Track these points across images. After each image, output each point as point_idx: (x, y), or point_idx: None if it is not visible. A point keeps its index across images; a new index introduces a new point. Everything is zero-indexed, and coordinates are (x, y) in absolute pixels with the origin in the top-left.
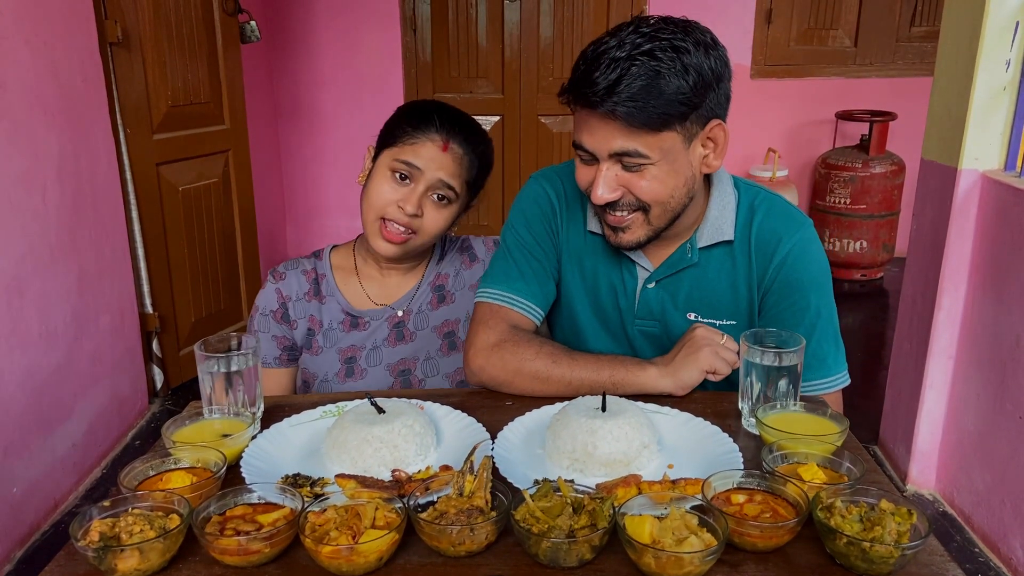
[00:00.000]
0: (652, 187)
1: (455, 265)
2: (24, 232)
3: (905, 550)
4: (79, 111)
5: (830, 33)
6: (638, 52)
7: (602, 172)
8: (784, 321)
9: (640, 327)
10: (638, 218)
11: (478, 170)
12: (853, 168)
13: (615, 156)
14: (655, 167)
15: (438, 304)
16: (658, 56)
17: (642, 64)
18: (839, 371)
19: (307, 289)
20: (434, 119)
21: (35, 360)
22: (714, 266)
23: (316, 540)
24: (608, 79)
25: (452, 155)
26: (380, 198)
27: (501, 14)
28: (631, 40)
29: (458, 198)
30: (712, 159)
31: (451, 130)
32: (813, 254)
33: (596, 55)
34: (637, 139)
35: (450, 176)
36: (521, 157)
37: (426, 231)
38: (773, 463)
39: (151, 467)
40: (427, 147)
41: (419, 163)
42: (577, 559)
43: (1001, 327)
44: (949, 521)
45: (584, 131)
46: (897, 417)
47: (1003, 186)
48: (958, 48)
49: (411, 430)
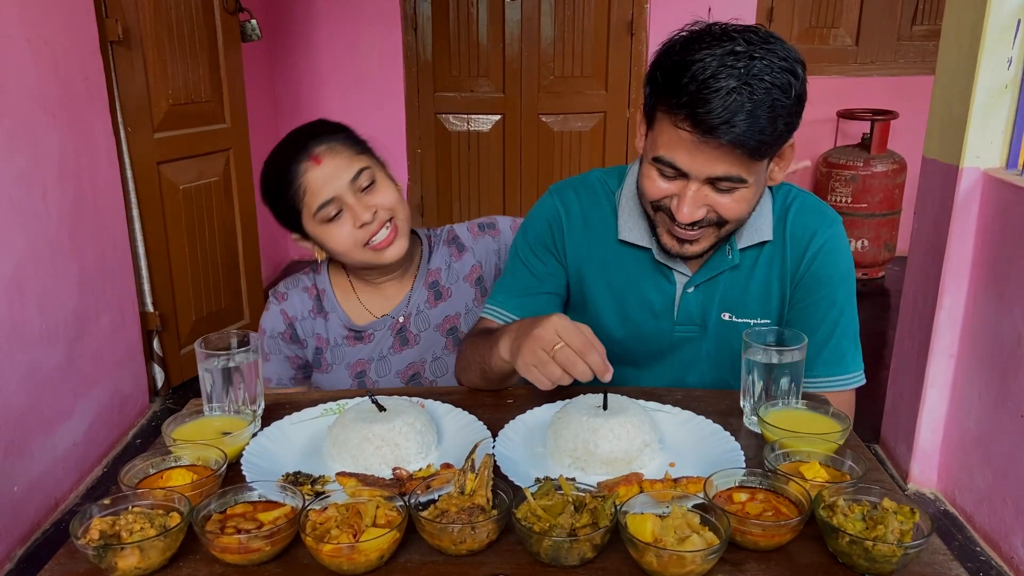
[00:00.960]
0: (738, 207)
1: (445, 259)
2: (25, 231)
3: (907, 549)
4: (80, 110)
5: (831, 32)
6: (752, 77)
7: (690, 191)
8: (810, 316)
9: (681, 333)
10: (709, 232)
11: (350, 138)
12: (854, 167)
13: (711, 179)
14: (747, 189)
15: (435, 301)
16: (774, 83)
17: (761, 95)
18: (856, 370)
19: (310, 307)
20: (285, 160)
21: (36, 359)
22: (751, 265)
23: (317, 538)
24: (729, 110)
25: (327, 156)
26: (344, 243)
27: (502, 13)
28: (735, 63)
29: (373, 166)
30: (777, 173)
31: (302, 146)
32: (843, 251)
33: (706, 78)
34: (744, 166)
35: (347, 170)
36: (522, 156)
37: (390, 206)
38: (775, 461)
39: (151, 465)
40: (311, 177)
41: (325, 195)
42: (578, 558)
43: (1003, 326)
44: (951, 520)
45: (681, 151)
46: (899, 416)
47: (1005, 184)
48: (959, 46)
49: (412, 428)
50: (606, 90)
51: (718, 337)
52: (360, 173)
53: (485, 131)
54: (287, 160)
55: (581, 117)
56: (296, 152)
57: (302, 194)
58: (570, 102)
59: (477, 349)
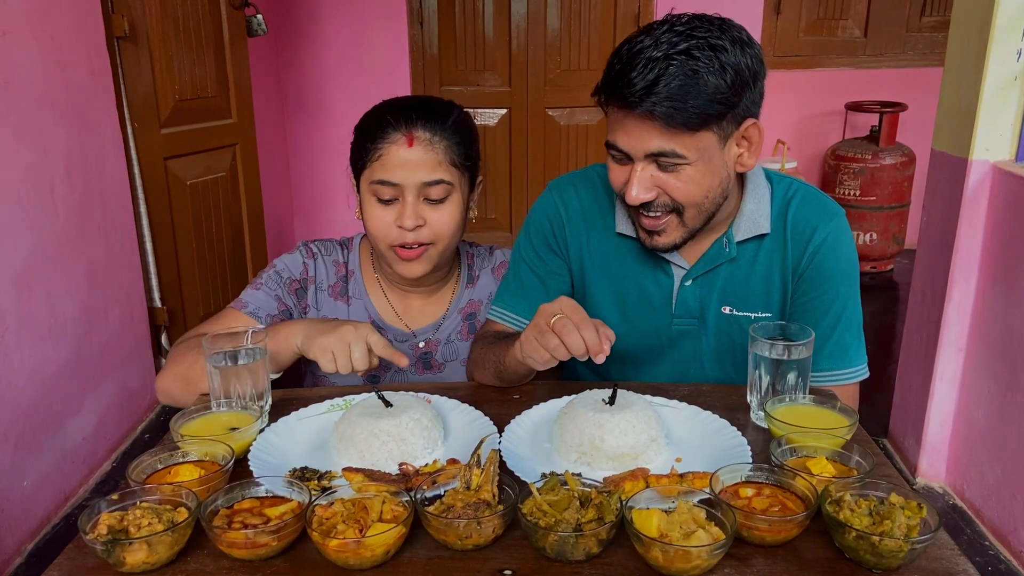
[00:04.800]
0: (687, 188)
1: (489, 291)
2: (33, 227)
3: (915, 544)
4: (87, 106)
5: (840, 23)
6: (675, 51)
7: (636, 172)
8: (812, 310)
9: (679, 326)
10: (672, 221)
11: (461, 145)
12: (863, 160)
13: (651, 156)
14: (691, 167)
15: (469, 335)
16: (695, 55)
17: (680, 63)
18: (860, 363)
19: (334, 283)
20: (386, 118)
21: (44, 354)
22: (750, 259)
23: (323, 533)
24: (646, 79)
25: (422, 145)
26: (379, 228)
27: (508, 7)
28: (667, 39)
29: (455, 186)
30: (746, 158)
31: (408, 119)
32: (845, 244)
33: (632, 54)
34: (674, 139)
35: (431, 171)
36: (528, 150)
37: (441, 235)
38: (782, 457)
39: (159, 461)
40: (393, 152)
41: (394, 177)
42: (584, 553)
43: (1012, 318)
44: (959, 514)
45: (619, 131)
46: (907, 410)
47: (1014, 177)
48: (969, 38)
49: (418, 424)
50: None
51: (719, 331)
52: (437, 184)
53: (491, 125)
54: (391, 119)
55: (587, 111)
56: (401, 118)
57: (376, 156)
58: (576, 96)
59: (492, 349)
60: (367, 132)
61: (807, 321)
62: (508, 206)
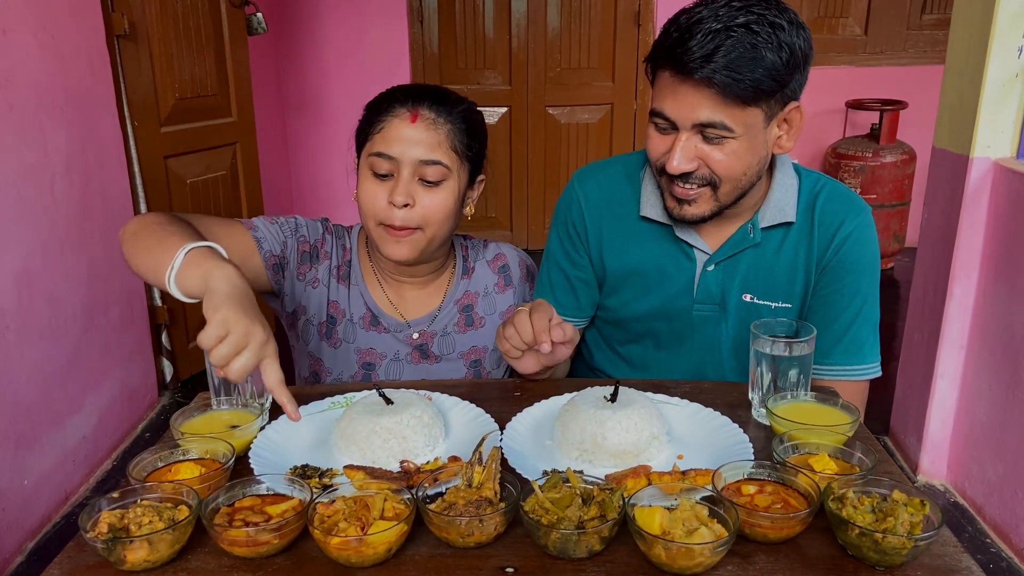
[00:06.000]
0: (728, 162)
1: (487, 284)
2: (33, 225)
3: (917, 541)
4: (87, 104)
5: (840, 21)
6: (735, 24)
7: (680, 141)
8: (833, 303)
9: (700, 311)
10: (705, 193)
11: (465, 134)
12: (863, 157)
13: (698, 127)
14: (736, 142)
15: (466, 327)
16: (755, 29)
17: (739, 36)
18: (873, 361)
19: (338, 266)
20: (396, 94)
21: (45, 353)
22: (774, 247)
23: (325, 531)
24: (705, 48)
25: (425, 123)
26: (369, 203)
27: (508, 5)
28: (726, 12)
29: (452, 172)
30: (785, 140)
31: (417, 98)
32: (871, 240)
33: (691, 23)
34: (725, 111)
35: (430, 150)
36: (529, 149)
37: (430, 220)
38: (784, 454)
39: (160, 458)
40: (395, 126)
41: (392, 151)
42: (586, 550)
43: (1013, 316)
44: (960, 512)
45: (669, 98)
46: (908, 407)
47: (1015, 174)
48: (970, 36)
49: (420, 421)
50: (613, 81)
51: (739, 319)
52: (434, 164)
53: (492, 123)
54: (399, 96)
55: (588, 109)
56: (409, 98)
57: (378, 129)
58: (577, 94)
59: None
60: (374, 106)
61: (826, 314)
62: (508, 205)
